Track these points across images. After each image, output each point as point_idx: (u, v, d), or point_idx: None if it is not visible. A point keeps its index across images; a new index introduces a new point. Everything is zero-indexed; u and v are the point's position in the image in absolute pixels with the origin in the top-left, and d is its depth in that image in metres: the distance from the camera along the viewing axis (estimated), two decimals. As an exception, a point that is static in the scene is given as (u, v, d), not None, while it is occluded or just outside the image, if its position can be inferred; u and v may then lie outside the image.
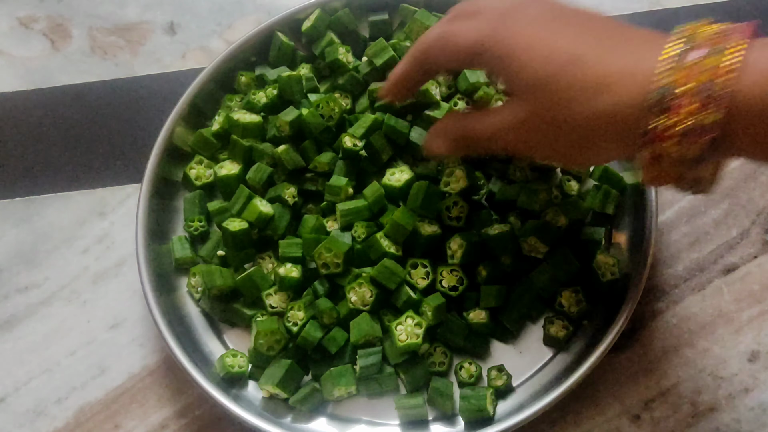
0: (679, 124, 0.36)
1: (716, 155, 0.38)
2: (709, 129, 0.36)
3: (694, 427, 0.51)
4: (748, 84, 0.35)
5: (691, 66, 0.36)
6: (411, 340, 0.50)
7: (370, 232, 0.53)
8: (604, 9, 0.65)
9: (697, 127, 0.36)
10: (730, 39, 0.36)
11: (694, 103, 0.36)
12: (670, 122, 0.36)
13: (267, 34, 0.62)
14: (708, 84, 0.35)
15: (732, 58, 0.36)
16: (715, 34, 0.37)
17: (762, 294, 0.54)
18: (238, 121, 0.58)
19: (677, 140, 0.37)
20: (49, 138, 0.67)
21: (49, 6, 0.72)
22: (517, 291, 0.53)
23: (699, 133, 0.36)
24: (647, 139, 0.37)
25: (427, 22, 0.58)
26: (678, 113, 0.36)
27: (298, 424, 0.52)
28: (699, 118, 0.36)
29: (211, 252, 0.57)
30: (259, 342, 0.52)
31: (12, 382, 0.58)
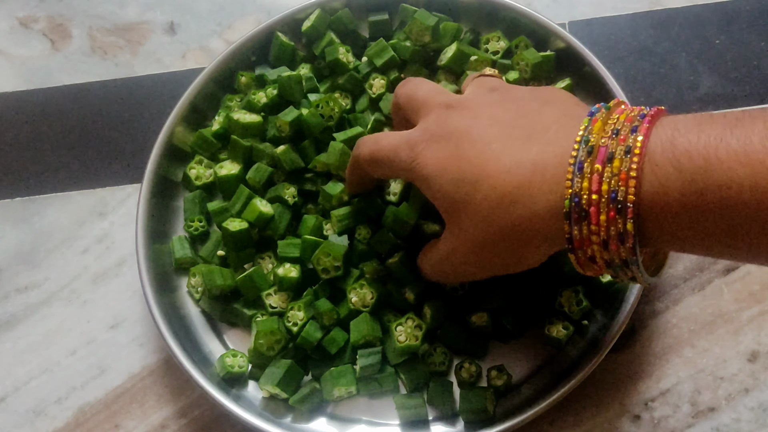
0: (600, 232, 0.36)
1: (645, 251, 0.38)
2: (629, 235, 0.36)
3: (694, 427, 0.51)
4: (649, 187, 0.35)
5: (595, 173, 0.36)
6: (410, 341, 0.50)
7: (373, 232, 0.53)
8: (604, 9, 0.65)
9: (617, 235, 0.36)
10: (628, 138, 0.36)
11: (610, 211, 0.36)
12: (590, 230, 0.37)
13: (267, 34, 0.62)
14: (615, 192, 0.35)
15: (630, 162, 0.35)
16: (613, 131, 0.37)
17: (762, 294, 0.54)
18: (238, 121, 0.58)
19: (600, 247, 0.37)
20: (49, 138, 0.67)
21: (49, 6, 0.72)
22: (518, 292, 0.52)
23: (621, 239, 0.36)
24: (573, 246, 0.38)
25: (427, 22, 0.58)
26: (596, 222, 0.36)
27: (298, 424, 0.52)
28: (618, 227, 0.36)
29: (211, 252, 0.57)
30: (259, 342, 0.52)
31: (12, 382, 0.58)
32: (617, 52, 0.63)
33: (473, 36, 0.61)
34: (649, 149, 0.35)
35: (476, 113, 0.43)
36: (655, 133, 0.36)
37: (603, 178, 0.36)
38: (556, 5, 0.66)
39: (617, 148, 0.36)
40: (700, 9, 0.64)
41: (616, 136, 0.37)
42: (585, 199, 0.36)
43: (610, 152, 0.36)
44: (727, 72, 0.62)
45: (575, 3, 0.66)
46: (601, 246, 0.37)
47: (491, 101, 0.44)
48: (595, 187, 0.36)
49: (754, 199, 0.33)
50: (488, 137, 0.41)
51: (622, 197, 0.35)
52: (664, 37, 0.64)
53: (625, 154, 0.36)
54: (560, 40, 0.58)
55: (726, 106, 0.61)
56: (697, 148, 0.34)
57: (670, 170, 0.35)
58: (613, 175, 0.36)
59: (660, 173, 0.35)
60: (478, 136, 0.41)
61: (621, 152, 0.36)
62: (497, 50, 0.60)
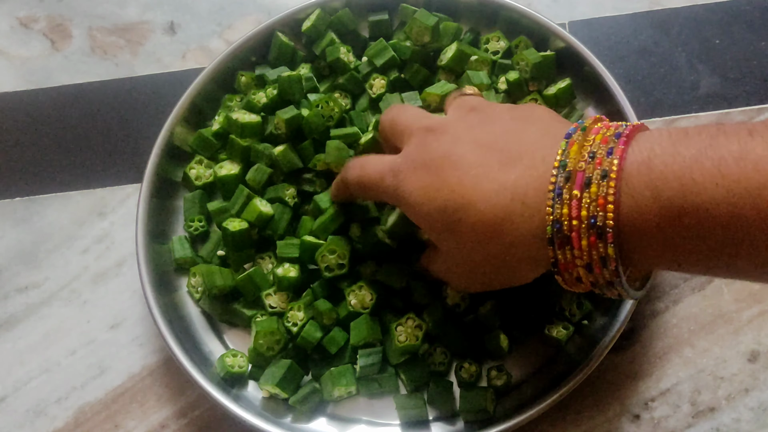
0: (583, 256, 0.37)
1: (628, 272, 0.39)
2: (611, 259, 0.36)
3: (694, 427, 0.51)
4: (627, 211, 0.35)
5: (574, 199, 0.36)
6: (410, 341, 0.50)
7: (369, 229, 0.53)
8: (604, 9, 0.65)
9: (600, 259, 0.37)
10: (603, 161, 0.36)
11: (590, 236, 0.36)
12: (573, 254, 0.37)
13: (267, 34, 0.62)
14: (594, 217, 0.36)
15: (607, 187, 0.35)
16: (590, 154, 0.37)
17: (762, 294, 0.54)
18: (238, 121, 0.58)
19: (585, 270, 0.37)
20: (49, 138, 0.67)
21: (49, 6, 0.72)
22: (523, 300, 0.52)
23: (604, 263, 0.37)
24: (558, 269, 0.39)
25: (427, 22, 0.58)
26: (578, 247, 0.37)
27: (298, 424, 0.52)
28: (599, 251, 0.36)
29: (211, 252, 0.57)
30: (259, 342, 0.52)
31: (12, 382, 0.58)
32: (617, 52, 0.64)
33: (473, 36, 0.61)
34: (626, 173, 0.35)
35: (456, 137, 0.43)
36: (631, 154, 0.36)
37: (582, 204, 0.36)
38: (556, 5, 0.66)
39: (594, 172, 0.36)
40: (700, 9, 0.64)
41: (593, 159, 0.37)
42: (566, 225, 0.37)
43: (587, 177, 0.36)
44: (727, 72, 0.62)
45: (575, 3, 0.66)
46: (585, 269, 0.38)
47: (471, 124, 0.44)
48: (575, 213, 0.36)
49: (731, 219, 0.33)
50: (468, 163, 0.41)
51: (601, 222, 0.35)
52: (664, 37, 0.64)
53: (602, 179, 0.36)
54: (560, 40, 0.58)
55: (726, 106, 0.61)
56: (672, 170, 0.34)
57: (647, 194, 0.35)
58: (592, 200, 0.36)
59: (637, 197, 0.35)
60: (458, 161, 0.41)
61: (597, 177, 0.36)
62: (497, 50, 0.60)
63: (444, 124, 0.45)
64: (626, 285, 0.38)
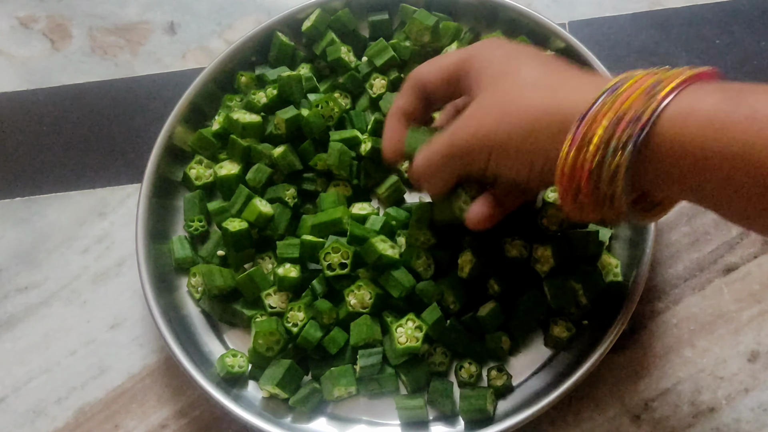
0: (594, 157, 0.37)
1: (632, 194, 0.39)
2: (622, 168, 0.37)
3: (694, 427, 0.51)
4: (662, 130, 0.36)
5: (627, 92, 0.37)
6: (410, 343, 0.50)
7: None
8: (604, 9, 0.65)
9: (614, 152, 0.37)
10: (663, 84, 0.37)
11: (620, 125, 0.37)
12: (584, 155, 0.38)
13: (267, 34, 0.62)
14: (639, 113, 0.36)
15: (657, 101, 0.36)
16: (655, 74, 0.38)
17: (762, 294, 0.54)
18: (238, 121, 0.58)
19: (590, 180, 0.38)
20: (49, 138, 0.67)
21: (49, 6, 0.72)
22: (525, 301, 0.52)
23: (609, 169, 0.37)
24: (568, 174, 0.39)
25: (427, 21, 0.58)
26: (599, 127, 0.37)
27: (298, 424, 0.52)
28: (622, 136, 0.37)
29: (211, 252, 0.57)
30: (258, 342, 0.52)
31: (12, 382, 0.58)
32: (617, 52, 0.63)
33: (473, 36, 0.61)
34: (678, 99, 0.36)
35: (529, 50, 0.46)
36: (687, 87, 0.37)
37: (626, 104, 0.37)
38: (556, 5, 0.66)
39: (647, 87, 0.37)
40: (700, 9, 0.64)
41: (654, 79, 0.38)
42: (601, 110, 0.37)
43: (641, 90, 0.37)
44: (727, 72, 0.62)
45: (575, 3, 0.66)
46: (592, 176, 0.38)
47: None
48: (618, 105, 0.37)
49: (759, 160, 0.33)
50: (544, 60, 0.44)
51: (640, 114, 0.36)
52: (664, 37, 0.64)
53: (651, 97, 0.36)
54: (560, 40, 0.58)
55: (726, 106, 0.60)
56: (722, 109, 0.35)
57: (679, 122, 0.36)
58: (633, 106, 0.37)
59: (672, 120, 0.36)
60: (533, 56, 0.45)
61: (647, 94, 0.37)
62: (497, 50, 0.60)
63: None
64: (627, 197, 0.38)
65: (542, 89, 0.41)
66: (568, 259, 0.52)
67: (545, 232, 0.53)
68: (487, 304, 0.52)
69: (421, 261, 0.53)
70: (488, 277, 0.52)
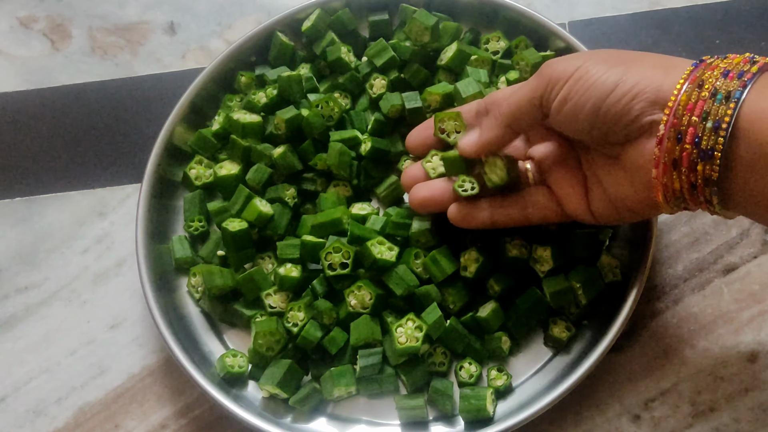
0: (711, 87, 0.38)
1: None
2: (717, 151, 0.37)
3: (694, 427, 0.51)
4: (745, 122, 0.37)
5: (727, 58, 0.40)
6: (410, 343, 0.50)
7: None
8: (604, 9, 0.65)
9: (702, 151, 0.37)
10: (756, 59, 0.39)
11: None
12: (706, 76, 0.39)
13: (267, 34, 0.62)
14: (735, 72, 0.38)
15: (759, 65, 0.38)
16: (723, 72, 0.39)
17: (762, 294, 0.54)
18: (238, 121, 0.58)
19: (700, 118, 0.38)
20: (49, 138, 0.67)
21: (49, 6, 0.72)
22: (524, 301, 0.52)
23: (716, 116, 0.37)
24: (677, 113, 0.38)
25: (427, 21, 0.58)
26: (715, 70, 0.39)
27: (298, 424, 0.52)
28: (726, 88, 0.37)
29: (211, 252, 0.57)
30: (258, 342, 0.52)
31: (12, 382, 0.58)
32: (617, 52, 0.63)
33: (473, 36, 0.61)
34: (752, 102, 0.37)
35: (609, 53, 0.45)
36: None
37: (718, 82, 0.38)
38: (556, 5, 0.66)
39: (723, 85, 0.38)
40: (700, 9, 0.64)
41: (726, 76, 0.38)
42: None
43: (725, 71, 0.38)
44: (727, 72, 0.62)
45: (575, 3, 0.66)
46: (712, 96, 0.38)
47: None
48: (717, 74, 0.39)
49: None
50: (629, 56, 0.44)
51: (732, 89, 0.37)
52: (664, 37, 0.64)
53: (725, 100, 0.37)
54: (560, 40, 0.58)
55: (726, 106, 0.60)
56: None
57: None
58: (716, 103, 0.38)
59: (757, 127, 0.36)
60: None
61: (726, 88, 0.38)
62: (497, 50, 0.60)
63: None
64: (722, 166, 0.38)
65: (644, 53, 0.43)
66: (567, 259, 0.52)
67: (545, 232, 0.53)
68: (487, 305, 0.52)
69: (419, 262, 0.53)
70: (488, 277, 0.52)
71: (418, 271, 0.53)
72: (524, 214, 0.49)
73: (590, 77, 0.41)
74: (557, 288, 0.51)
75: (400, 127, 0.59)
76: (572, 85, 0.42)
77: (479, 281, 0.52)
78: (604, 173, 0.45)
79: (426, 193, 0.51)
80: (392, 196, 0.57)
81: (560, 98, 0.43)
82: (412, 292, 0.52)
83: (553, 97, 0.43)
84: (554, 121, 0.44)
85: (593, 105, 0.41)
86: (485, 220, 0.49)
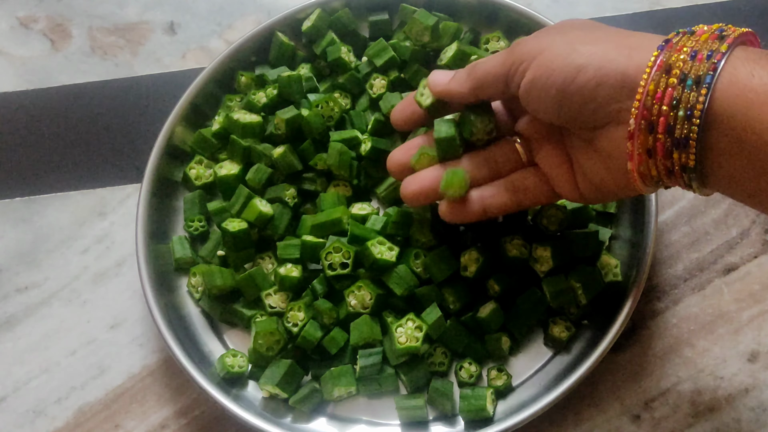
0: (679, 72, 0.37)
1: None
2: (692, 138, 0.36)
3: (694, 427, 0.51)
4: (721, 95, 0.36)
5: (695, 34, 0.38)
6: (410, 343, 0.50)
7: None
8: (604, 9, 0.65)
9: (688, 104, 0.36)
10: (727, 32, 0.37)
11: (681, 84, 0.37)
12: (672, 60, 0.37)
13: (267, 34, 0.62)
14: (705, 53, 0.36)
15: (727, 42, 0.36)
16: (691, 52, 0.37)
17: (762, 294, 0.54)
18: (238, 121, 0.58)
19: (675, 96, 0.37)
20: (49, 138, 0.67)
21: (49, 6, 0.72)
22: (524, 300, 0.52)
23: (687, 103, 0.36)
24: (646, 101, 0.37)
25: (427, 21, 0.58)
26: (681, 54, 0.37)
27: (298, 424, 0.52)
28: (696, 72, 0.36)
29: (211, 252, 0.57)
30: (258, 342, 0.52)
31: (12, 382, 0.58)
32: (617, 52, 0.63)
33: (473, 36, 0.61)
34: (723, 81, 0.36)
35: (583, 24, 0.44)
36: (731, 68, 0.36)
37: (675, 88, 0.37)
38: (556, 5, 0.66)
39: (692, 68, 0.37)
40: (700, 9, 0.64)
41: (693, 58, 0.37)
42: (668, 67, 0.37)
43: (684, 73, 0.37)
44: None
45: (575, 3, 0.66)
46: (681, 81, 0.36)
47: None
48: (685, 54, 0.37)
49: None
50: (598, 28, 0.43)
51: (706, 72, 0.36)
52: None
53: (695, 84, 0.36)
54: (560, 40, 0.58)
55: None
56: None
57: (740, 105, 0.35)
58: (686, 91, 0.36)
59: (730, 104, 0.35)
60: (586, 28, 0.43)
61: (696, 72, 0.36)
62: (497, 50, 0.60)
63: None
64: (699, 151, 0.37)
65: (610, 30, 0.42)
66: (567, 259, 0.52)
67: (545, 232, 0.53)
68: (488, 305, 0.52)
69: (419, 262, 0.53)
70: (488, 277, 0.52)
71: (418, 271, 0.53)
72: (516, 200, 0.48)
73: (554, 60, 0.41)
74: (557, 288, 0.51)
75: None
76: (536, 68, 0.41)
77: (479, 281, 0.52)
78: (581, 156, 0.44)
79: (416, 186, 0.49)
80: (392, 196, 0.57)
81: (525, 81, 0.42)
82: (412, 292, 0.52)
83: (518, 78, 0.43)
84: (524, 103, 0.44)
85: (557, 90, 0.41)
86: (477, 211, 0.48)
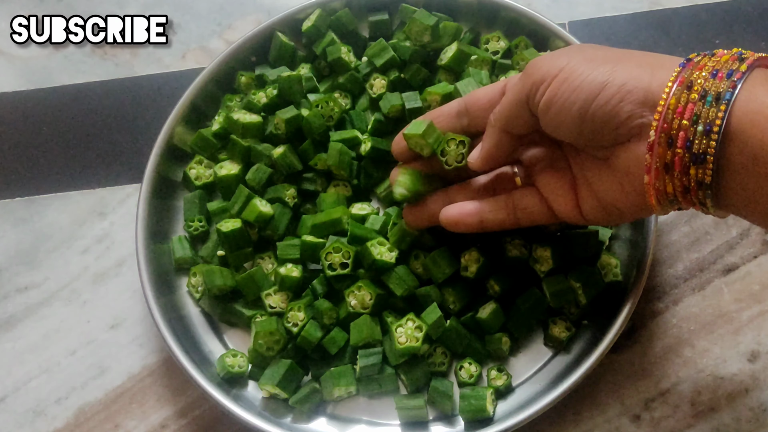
0: (700, 88, 0.38)
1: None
2: (709, 155, 0.37)
3: (694, 427, 0.51)
4: (739, 114, 0.36)
5: (715, 55, 0.39)
6: (410, 343, 0.50)
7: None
8: (604, 9, 0.65)
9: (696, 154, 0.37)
10: (746, 56, 0.38)
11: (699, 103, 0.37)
12: (693, 77, 0.38)
13: (267, 34, 0.62)
14: (725, 72, 0.37)
15: (747, 64, 0.38)
16: (712, 72, 0.38)
17: (762, 294, 0.54)
18: (238, 121, 0.58)
19: (693, 113, 0.37)
20: (49, 138, 0.67)
21: (49, 6, 0.72)
22: (524, 301, 0.52)
23: (707, 119, 0.37)
24: (666, 116, 0.38)
25: (427, 21, 0.58)
26: (702, 71, 0.38)
27: (298, 424, 0.52)
28: (716, 89, 0.37)
29: (211, 252, 0.57)
30: (258, 342, 0.52)
31: (12, 382, 0.58)
32: (617, 52, 0.63)
33: (473, 36, 0.61)
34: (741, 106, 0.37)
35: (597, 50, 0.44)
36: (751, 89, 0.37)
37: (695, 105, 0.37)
38: (556, 5, 0.66)
39: (711, 87, 0.38)
40: (700, 9, 0.64)
41: (715, 76, 0.38)
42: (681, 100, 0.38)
43: (704, 89, 0.38)
44: (727, 72, 0.62)
45: (575, 3, 0.66)
46: (702, 97, 0.37)
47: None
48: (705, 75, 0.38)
49: None
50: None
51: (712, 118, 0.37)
52: (664, 37, 0.64)
53: (716, 101, 0.37)
54: (560, 40, 0.58)
55: (726, 106, 0.60)
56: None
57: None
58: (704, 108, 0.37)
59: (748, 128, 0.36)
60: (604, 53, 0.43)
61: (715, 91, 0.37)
62: (497, 50, 0.60)
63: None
64: (709, 194, 0.38)
65: (626, 51, 0.42)
66: (567, 259, 0.52)
67: (545, 232, 0.53)
68: (488, 305, 0.52)
69: (419, 262, 0.53)
70: (488, 277, 0.52)
71: (418, 272, 0.53)
72: (513, 217, 0.48)
73: (576, 78, 0.41)
74: (557, 288, 0.51)
75: (400, 127, 0.59)
76: (557, 86, 0.41)
77: (479, 281, 0.52)
78: (593, 176, 0.44)
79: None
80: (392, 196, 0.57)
81: (545, 100, 0.42)
82: (412, 293, 0.52)
83: (539, 98, 0.43)
84: (542, 123, 0.44)
85: (580, 107, 0.41)
86: (475, 224, 0.49)
